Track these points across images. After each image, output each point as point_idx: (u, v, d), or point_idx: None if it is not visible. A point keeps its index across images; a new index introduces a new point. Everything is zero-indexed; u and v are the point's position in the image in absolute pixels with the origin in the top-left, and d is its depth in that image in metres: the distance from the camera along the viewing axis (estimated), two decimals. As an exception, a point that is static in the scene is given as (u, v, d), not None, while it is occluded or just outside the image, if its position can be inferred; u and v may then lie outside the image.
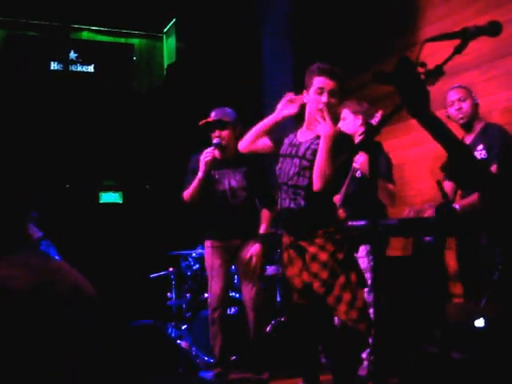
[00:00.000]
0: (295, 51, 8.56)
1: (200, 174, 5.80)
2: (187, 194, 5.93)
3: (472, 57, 5.67)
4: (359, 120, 5.80)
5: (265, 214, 5.98)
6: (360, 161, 5.39)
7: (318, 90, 4.44)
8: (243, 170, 5.94)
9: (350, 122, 5.82)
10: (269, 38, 8.95)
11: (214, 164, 5.87)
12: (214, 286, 5.92)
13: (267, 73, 9.05)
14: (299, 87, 4.62)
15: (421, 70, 2.27)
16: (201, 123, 5.94)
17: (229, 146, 5.93)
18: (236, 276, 6.53)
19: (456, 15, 6.34)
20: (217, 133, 5.90)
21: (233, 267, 6.20)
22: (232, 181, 5.94)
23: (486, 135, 5.30)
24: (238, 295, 6.46)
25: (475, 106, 5.40)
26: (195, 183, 5.84)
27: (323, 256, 4.35)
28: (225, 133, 5.91)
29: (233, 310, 6.45)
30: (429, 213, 5.10)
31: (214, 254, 5.96)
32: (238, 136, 5.62)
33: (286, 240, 4.58)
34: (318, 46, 8.16)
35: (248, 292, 5.92)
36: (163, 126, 9.11)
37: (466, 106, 5.38)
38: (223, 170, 5.95)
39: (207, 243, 6.04)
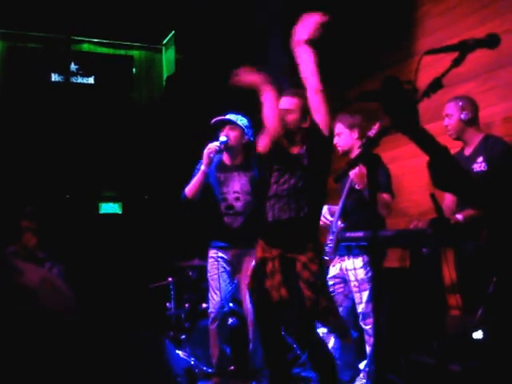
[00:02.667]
0: (291, 63, 8.60)
1: (203, 168, 5.82)
2: (188, 188, 5.91)
3: (470, 68, 5.60)
4: (355, 134, 5.80)
5: None
6: (354, 173, 5.42)
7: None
8: (249, 174, 5.95)
9: (347, 137, 5.82)
10: (271, 49, 9.02)
11: (221, 166, 5.96)
12: (215, 297, 5.94)
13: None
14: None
15: (408, 87, 2.31)
16: (213, 121, 5.98)
17: (236, 150, 5.96)
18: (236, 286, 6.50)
19: (453, 27, 6.34)
20: (225, 131, 5.91)
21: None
22: (236, 184, 5.96)
23: (486, 147, 5.24)
24: (234, 306, 6.49)
25: (462, 121, 5.31)
26: (197, 177, 5.85)
27: (313, 267, 4.50)
28: (233, 133, 5.91)
29: (231, 320, 6.47)
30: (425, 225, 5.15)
31: (216, 264, 5.96)
32: (246, 144, 5.86)
33: (265, 252, 4.71)
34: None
35: (248, 304, 5.84)
36: (162, 136, 9.15)
37: (452, 122, 5.33)
38: (229, 173, 5.97)
39: (210, 252, 6.04)
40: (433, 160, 2.39)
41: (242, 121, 5.98)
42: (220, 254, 5.96)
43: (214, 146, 5.78)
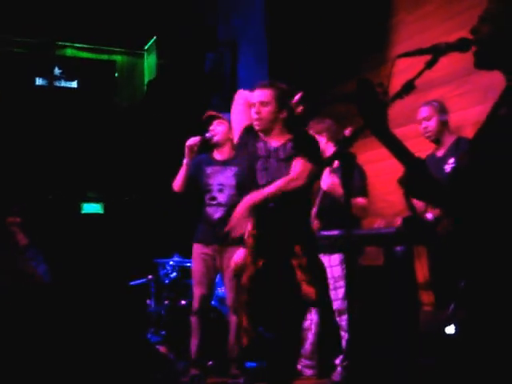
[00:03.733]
0: (271, 68, 8.71)
1: (185, 160, 5.97)
2: (174, 182, 6.04)
3: (445, 72, 5.68)
4: (324, 138, 5.94)
5: None
6: (327, 183, 5.58)
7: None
8: (235, 169, 6.04)
9: None
10: (245, 54, 9.17)
11: (209, 160, 6.11)
12: (197, 292, 6.03)
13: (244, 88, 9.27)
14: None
15: (379, 90, 2.43)
16: (205, 116, 6.15)
17: (224, 144, 6.10)
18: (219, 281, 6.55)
19: (428, 33, 6.38)
20: (213, 126, 6.06)
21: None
22: (221, 177, 6.08)
23: (458, 149, 5.39)
24: (216, 302, 6.61)
25: (441, 123, 5.53)
26: (181, 170, 5.98)
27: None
28: (221, 128, 6.05)
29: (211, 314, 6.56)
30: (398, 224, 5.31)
31: (200, 260, 6.05)
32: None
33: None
34: (293, 63, 8.27)
35: (231, 297, 5.98)
36: (144, 139, 9.23)
37: (432, 124, 5.52)
38: (216, 167, 6.09)
39: (195, 247, 6.13)
40: (405, 175, 2.52)
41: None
42: (203, 249, 6.06)
43: (195, 138, 5.95)
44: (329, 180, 5.49)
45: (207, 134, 6.00)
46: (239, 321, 4.92)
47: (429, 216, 5.02)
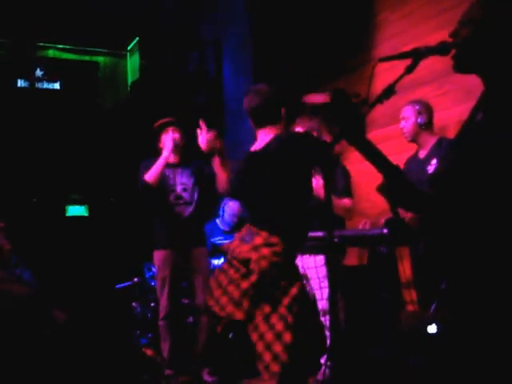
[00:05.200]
0: (255, 67, 8.70)
1: (165, 154, 6.09)
2: (150, 174, 6.07)
3: (427, 72, 5.68)
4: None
5: None
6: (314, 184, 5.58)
7: None
8: (190, 169, 6.29)
9: None
10: (229, 53, 9.16)
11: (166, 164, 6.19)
12: (163, 298, 6.15)
13: (228, 89, 9.26)
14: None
15: (355, 100, 2.44)
16: (155, 125, 6.37)
17: (179, 148, 6.30)
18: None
19: (411, 32, 6.43)
20: (170, 133, 6.23)
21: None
22: (182, 177, 6.27)
23: (440, 149, 5.40)
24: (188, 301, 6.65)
25: (418, 124, 5.50)
26: (160, 163, 6.07)
27: None
28: (177, 135, 6.27)
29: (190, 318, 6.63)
30: (382, 224, 5.32)
31: (168, 266, 6.14)
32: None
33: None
34: (276, 62, 8.28)
35: (201, 297, 6.08)
36: (127, 140, 9.23)
37: (408, 125, 5.52)
38: (174, 169, 6.27)
39: (157, 254, 6.22)
40: (384, 183, 2.52)
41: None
42: (171, 255, 6.15)
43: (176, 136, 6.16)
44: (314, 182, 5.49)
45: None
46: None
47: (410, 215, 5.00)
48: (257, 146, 4.34)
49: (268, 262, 3.87)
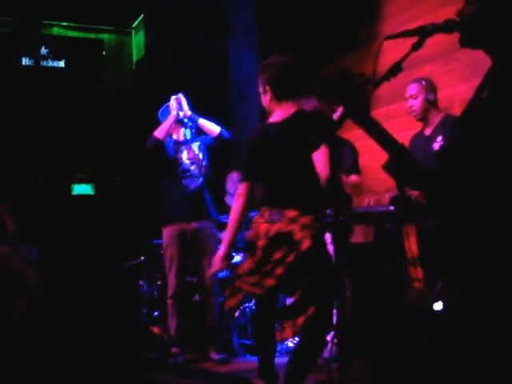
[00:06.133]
0: (260, 42, 8.65)
1: (174, 113, 6.20)
2: (158, 131, 6.18)
3: (432, 49, 5.46)
4: None
5: None
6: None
7: None
8: (197, 143, 6.32)
9: None
10: (235, 30, 9.11)
11: (173, 141, 6.34)
12: (171, 276, 6.19)
13: (234, 66, 9.22)
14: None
15: (359, 79, 2.43)
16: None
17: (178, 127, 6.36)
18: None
19: (416, 8, 6.38)
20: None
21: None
22: (189, 152, 6.29)
23: (445, 127, 5.36)
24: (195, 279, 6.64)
25: (428, 101, 5.44)
26: (169, 120, 6.20)
27: None
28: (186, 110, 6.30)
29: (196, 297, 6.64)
30: (387, 201, 5.31)
31: (173, 242, 6.18)
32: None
33: None
34: (282, 39, 8.24)
35: (208, 277, 6.09)
36: (133, 119, 9.21)
37: (417, 103, 5.45)
38: (181, 146, 6.33)
39: (165, 231, 6.26)
40: (389, 161, 2.51)
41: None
42: (179, 229, 6.18)
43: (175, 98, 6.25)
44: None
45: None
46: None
47: (415, 193, 4.98)
48: (276, 118, 4.37)
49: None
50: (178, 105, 6.20)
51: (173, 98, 6.25)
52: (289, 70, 4.39)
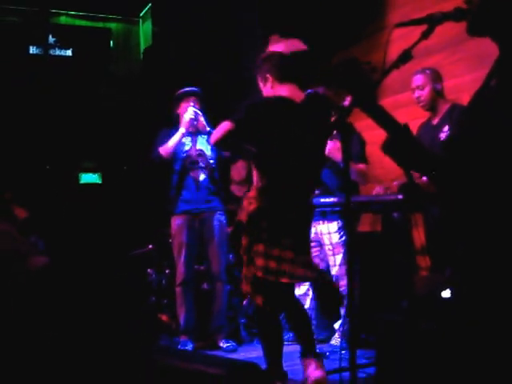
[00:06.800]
0: (267, 33, 8.64)
1: (183, 130, 6.13)
2: (165, 148, 6.16)
3: (439, 39, 5.45)
4: None
5: None
6: (329, 147, 5.59)
7: None
8: (207, 135, 6.18)
9: None
10: (245, 21, 9.09)
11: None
12: (179, 265, 6.22)
13: (244, 55, 9.20)
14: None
15: (367, 67, 2.45)
16: (178, 93, 6.35)
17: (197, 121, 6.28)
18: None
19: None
20: (191, 103, 6.25)
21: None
22: (197, 144, 6.28)
23: (452, 116, 5.38)
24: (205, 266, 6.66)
25: (435, 91, 5.47)
26: (176, 138, 6.13)
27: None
28: (198, 104, 6.29)
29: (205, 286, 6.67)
30: (395, 189, 5.33)
31: (181, 231, 6.20)
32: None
33: None
34: (289, 30, 8.23)
35: (217, 264, 6.19)
36: (140, 108, 9.23)
37: (425, 93, 5.46)
38: (191, 137, 6.28)
39: (173, 220, 6.28)
40: (388, 141, 2.52)
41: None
42: (188, 219, 6.20)
43: (193, 111, 6.14)
44: (329, 145, 5.49)
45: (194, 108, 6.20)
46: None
47: (424, 179, 4.97)
48: (284, 93, 4.38)
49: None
50: (194, 116, 6.17)
51: (191, 109, 6.21)
52: (288, 56, 4.43)
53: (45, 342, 5.59)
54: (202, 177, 6.19)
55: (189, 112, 6.12)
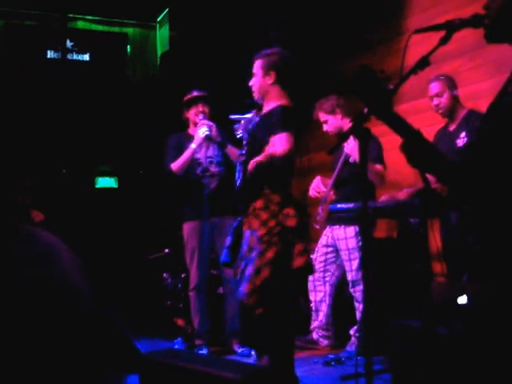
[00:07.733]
0: (284, 39, 8.66)
1: (194, 146, 6.15)
2: (177, 165, 6.21)
3: (457, 45, 5.59)
4: (339, 115, 6.03)
5: None
6: (350, 146, 5.62)
7: None
8: (217, 143, 6.27)
9: (332, 121, 6.04)
10: (258, 26, 9.09)
11: (187, 137, 6.36)
12: (192, 269, 6.29)
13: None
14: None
15: (381, 76, 2.44)
16: (186, 98, 6.41)
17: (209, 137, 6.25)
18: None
19: (441, 5, 6.40)
20: (200, 108, 6.32)
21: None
22: (208, 151, 6.32)
23: (468, 122, 5.43)
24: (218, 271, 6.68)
25: (453, 97, 5.53)
26: (187, 154, 6.17)
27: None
28: (207, 109, 6.34)
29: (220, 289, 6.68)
30: (401, 197, 5.35)
31: (193, 236, 6.27)
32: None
33: None
34: (306, 36, 8.24)
35: (228, 270, 6.13)
36: (157, 113, 9.25)
37: (444, 100, 5.52)
38: (202, 143, 6.25)
39: (185, 226, 6.34)
40: (406, 142, 2.52)
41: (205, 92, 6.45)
42: (200, 225, 6.26)
43: (206, 129, 6.12)
44: (352, 143, 5.54)
45: (204, 119, 6.23)
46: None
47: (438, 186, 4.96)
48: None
49: None
50: (209, 131, 6.15)
51: (204, 127, 6.17)
52: (292, 61, 4.64)
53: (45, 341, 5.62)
54: (213, 185, 6.20)
55: (202, 130, 6.12)
